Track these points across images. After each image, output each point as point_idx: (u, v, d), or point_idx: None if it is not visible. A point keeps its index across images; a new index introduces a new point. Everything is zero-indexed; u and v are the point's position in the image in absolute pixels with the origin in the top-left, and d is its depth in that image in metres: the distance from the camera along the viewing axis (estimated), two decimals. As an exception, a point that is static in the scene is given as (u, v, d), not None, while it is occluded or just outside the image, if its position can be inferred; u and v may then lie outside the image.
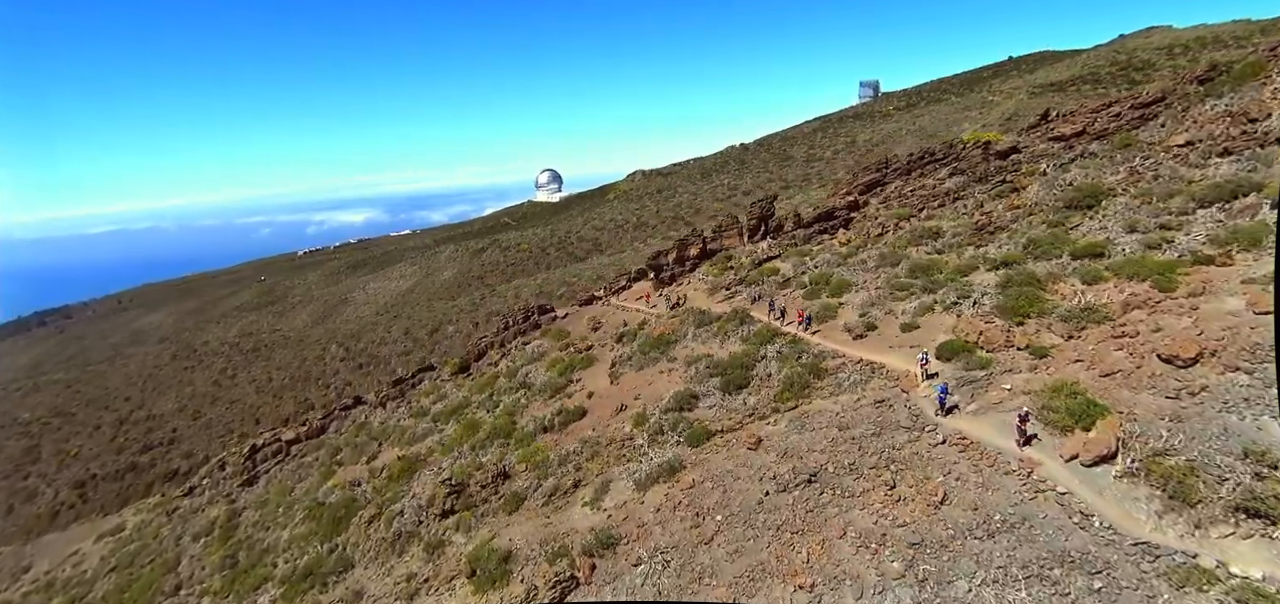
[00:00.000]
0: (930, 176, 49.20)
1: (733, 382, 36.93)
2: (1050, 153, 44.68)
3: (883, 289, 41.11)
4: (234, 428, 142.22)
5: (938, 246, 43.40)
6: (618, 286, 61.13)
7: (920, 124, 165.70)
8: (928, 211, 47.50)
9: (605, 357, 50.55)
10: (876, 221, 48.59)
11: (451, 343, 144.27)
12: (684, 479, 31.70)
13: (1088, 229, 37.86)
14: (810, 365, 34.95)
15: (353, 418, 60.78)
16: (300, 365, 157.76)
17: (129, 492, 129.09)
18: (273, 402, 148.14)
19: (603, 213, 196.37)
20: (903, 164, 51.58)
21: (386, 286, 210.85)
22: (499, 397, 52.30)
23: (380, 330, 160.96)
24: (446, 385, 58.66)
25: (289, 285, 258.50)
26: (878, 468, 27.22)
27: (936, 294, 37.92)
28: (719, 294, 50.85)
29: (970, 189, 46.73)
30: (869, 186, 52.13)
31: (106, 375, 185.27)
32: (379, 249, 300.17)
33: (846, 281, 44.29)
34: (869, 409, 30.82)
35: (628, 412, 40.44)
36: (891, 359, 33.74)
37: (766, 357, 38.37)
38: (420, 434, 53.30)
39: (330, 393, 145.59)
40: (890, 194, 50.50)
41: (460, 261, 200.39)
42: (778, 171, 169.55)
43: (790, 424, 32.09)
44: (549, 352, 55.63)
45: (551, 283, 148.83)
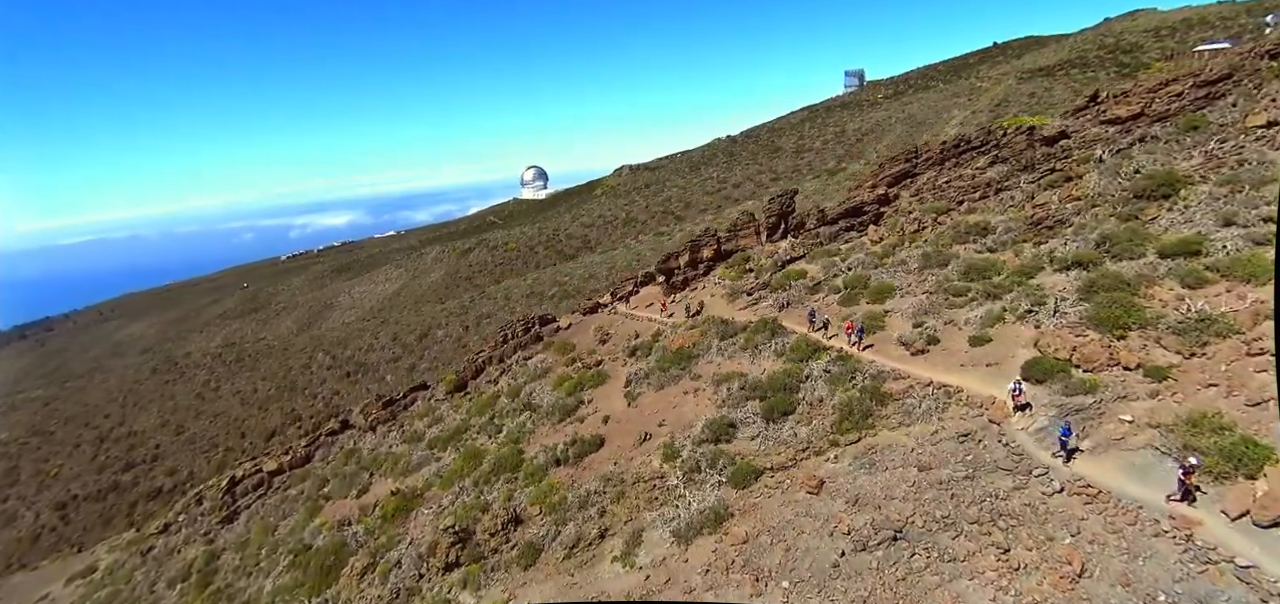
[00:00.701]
0: (967, 166, 44.26)
1: (776, 407, 31.61)
2: (1104, 138, 39.89)
3: (935, 294, 35.93)
4: (218, 442, 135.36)
5: (988, 244, 38.34)
6: (624, 292, 55.70)
7: (909, 112, 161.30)
8: (967, 204, 42.52)
9: (618, 373, 45.05)
10: (910, 217, 43.53)
11: (441, 348, 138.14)
12: (734, 530, 26.38)
13: (1169, 222, 32.89)
14: (870, 388, 29.68)
15: (340, 444, 54.91)
16: (286, 375, 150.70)
17: (112, 511, 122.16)
18: (258, 414, 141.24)
19: (591, 209, 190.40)
20: (935, 153, 46.56)
21: (372, 290, 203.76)
22: (501, 420, 46.63)
23: (367, 337, 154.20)
24: (442, 406, 52.95)
25: (272, 291, 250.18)
26: (981, 523, 22.04)
27: (1002, 300, 32.78)
28: (740, 300, 45.53)
29: (1015, 179, 41.81)
30: (898, 178, 47.11)
31: (86, 391, 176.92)
32: (363, 252, 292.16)
33: (888, 285, 39.07)
34: (951, 445, 25.62)
35: (653, 441, 34.99)
36: (966, 380, 28.53)
37: (811, 376, 33.06)
38: (415, 463, 47.55)
39: (317, 403, 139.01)
40: (922, 186, 45.50)
41: (447, 263, 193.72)
42: (767, 163, 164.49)
43: (856, 462, 26.83)
44: (554, 367, 50.05)
45: (543, 283, 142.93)
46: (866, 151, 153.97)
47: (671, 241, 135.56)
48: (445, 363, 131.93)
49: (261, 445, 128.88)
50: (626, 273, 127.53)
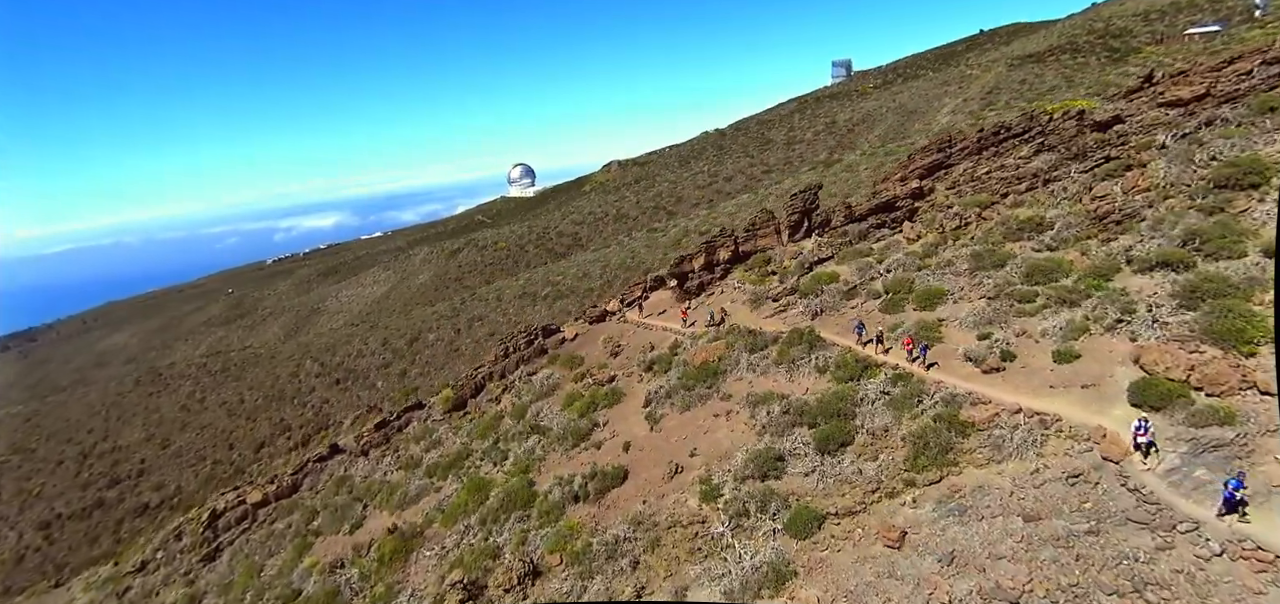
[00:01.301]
0: (1009, 155, 40.00)
1: (830, 436, 27.07)
2: (1165, 121, 35.81)
3: (996, 300, 31.52)
4: (206, 455, 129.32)
5: (1047, 241, 34.03)
6: (632, 298, 51.00)
7: (900, 101, 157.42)
8: (1013, 197, 38.27)
9: (635, 391, 40.34)
10: (950, 212, 39.23)
11: (433, 352, 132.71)
12: (802, 594, 21.83)
13: (1263, 215, 28.66)
14: (946, 416, 25.21)
15: (330, 471, 49.88)
16: (273, 384, 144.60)
17: (97, 530, 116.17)
18: (246, 425, 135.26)
19: (580, 206, 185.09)
20: (972, 141, 42.22)
21: (360, 293, 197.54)
22: (507, 445, 41.78)
23: (356, 342, 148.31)
24: (440, 428, 48.02)
25: (258, 297, 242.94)
26: (1123, 595, 17.66)
27: (1081, 307, 28.41)
28: (764, 307, 40.97)
29: (1065, 168, 37.59)
30: (930, 169, 42.73)
31: (67, 405, 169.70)
32: (350, 254, 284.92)
33: (937, 290, 34.64)
34: (1060, 489, 21.24)
35: (686, 475, 30.34)
36: (1061, 406, 24.07)
37: (867, 399, 28.58)
38: (413, 494, 42.59)
39: (307, 412, 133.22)
40: (959, 178, 41.20)
41: (436, 264, 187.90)
42: (759, 156, 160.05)
43: (941, 509, 22.36)
44: (562, 384, 45.26)
45: (535, 283, 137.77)
46: (859, 142, 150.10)
47: (666, 237, 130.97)
48: (437, 367, 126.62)
49: (250, 456, 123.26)
50: (622, 270, 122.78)
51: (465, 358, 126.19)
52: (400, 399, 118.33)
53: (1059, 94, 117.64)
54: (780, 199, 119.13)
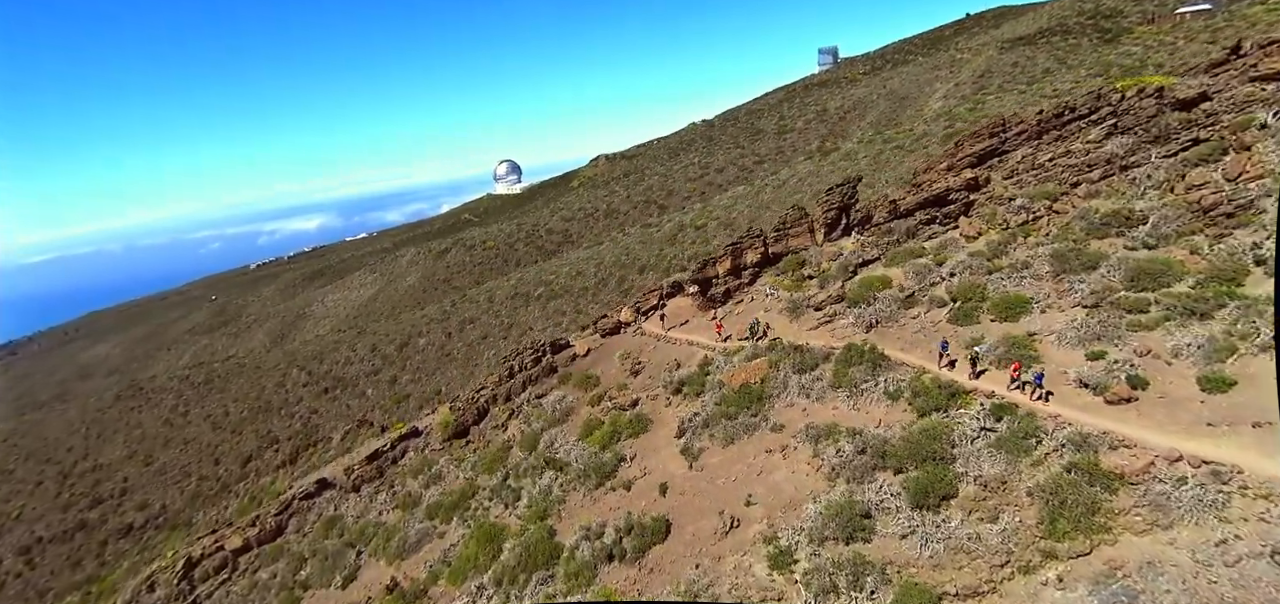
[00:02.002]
0: (1075, 139, 34.92)
1: (927, 486, 21.77)
2: (1261, 97, 30.95)
3: (1099, 310, 26.33)
4: (191, 471, 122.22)
5: (1144, 238, 28.98)
6: (648, 306, 45.41)
7: (891, 87, 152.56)
8: (1085, 186, 33.27)
9: (663, 417, 34.83)
10: (1012, 205, 34.12)
11: (423, 357, 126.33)
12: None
13: None
14: (1081, 463, 19.99)
15: (318, 510, 43.94)
16: (259, 395, 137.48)
17: (80, 553, 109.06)
18: (232, 438, 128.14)
19: (569, 202, 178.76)
20: (1031, 124, 37.05)
21: (347, 297, 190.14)
22: (518, 481, 36.11)
23: (344, 349, 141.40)
24: (440, 459, 42.23)
25: (242, 303, 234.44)
26: None
27: (1216, 319, 23.32)
28: (805, 317, 35.61)
29: (1145, 152, 32.61)
30: (982, 157, 37.53)
31: (46, 423, 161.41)
32: (335, 256, 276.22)
33: (1018, 298, 29.40)
34: (1264, 568, 16.16)
35: (745, 530, 24.86)
36: (1231, 451, 18.86)
37: (965, 437, 23.32)
38: (414, 539, 36.81)
39: (294, 423, 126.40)
40: (1017, 166, 36.09)
41: (423, 265, 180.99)
42: (749, 146, 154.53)
43: (1102, 592, 17.08)
44: (577, 408, 39.62)
45: (527, 282, 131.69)
46: (851, 130, 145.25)
47: (660, 232, 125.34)
48: (428, 373, 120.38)
49: (237, 471, 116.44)
50: (616, 268, 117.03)
51: (458, 362, 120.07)
52: (391, 405, 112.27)
53: (1055, 77, 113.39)
54: (778, 192, 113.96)
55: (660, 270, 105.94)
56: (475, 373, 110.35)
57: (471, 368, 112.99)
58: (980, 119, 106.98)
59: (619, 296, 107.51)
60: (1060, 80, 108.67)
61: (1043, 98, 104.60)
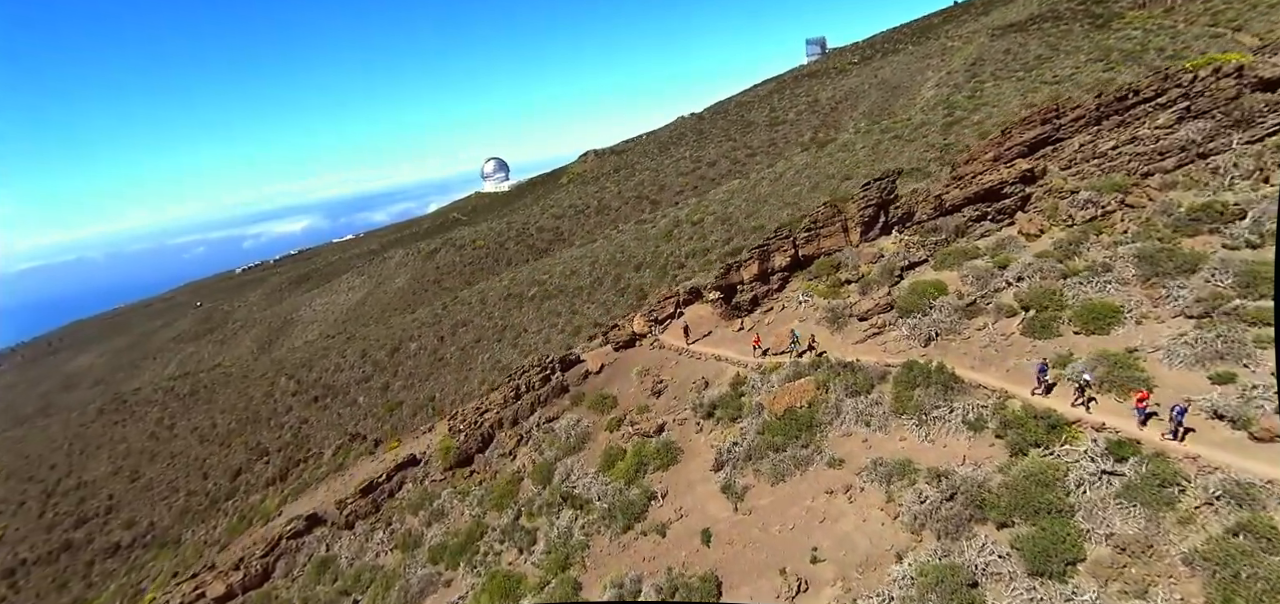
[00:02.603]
0: (1141, 124, 31.08)
1: (1046, 547, 17.65)
2: (1360, 72, 27.26)
3: (1211, 321, 22.42)
4: (179, 486, 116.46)
5: (1245, 235, 25.12)
6: (663, 315, 41.12)
7: (882, 77, 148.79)
8: (1160, 176, 29.44)
9: (696, 446, 30.60)
10: (1076, 198, 30.23)
11: (416, 363, 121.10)
12: None
13: None
14: (1254, 525, 15.99)
15: (308, 550, 39.32)
16: (247, 406, 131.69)
17: (66, 575, 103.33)
18: (220, 451, 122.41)
19: (559, 199, 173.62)
20: (1090, 109, 33.16)
21: (335, 301, 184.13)
22: (532, 520, 31.75)
23: (333, 355, 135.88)
24: (441, 491, 37.74)
25: (228, 309, 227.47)
26: None
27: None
28: (850, 328, 31.52)
29: (1225, 138, 28.87)
30: (1033, 146, 33.58)
31: (27, 440, 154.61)
32: (322, 259, 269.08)
33: (1104, 306, 25.39)
34: None
35: (816, 597, 20.71)
36: None
37: (1083, 482, 19.32)
38: (417, 588, 32.30)
39: (284, 434, 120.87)
40: (1076, 155, 32.23)
41: (412, 266, 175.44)
42: (741, 139, 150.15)
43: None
44: (594, 434, 35.30)
45: (520, 282, 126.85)
46: (843, 120, 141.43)
47: (655, 228, 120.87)
48: (422, 379, 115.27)
49: (226, 485, 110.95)
50: (612, 266, 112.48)
51: (451, 367, 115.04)
52: (384, 414, 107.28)
53: (1054, 64, 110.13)
54: (776, 185, 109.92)
55: (657, 268, 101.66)
56: (469, 377, 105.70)
57: (465, 373, 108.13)
58: (977, 106, 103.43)
59: (615, 295, 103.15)
60: (1060, 66, 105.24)
61: (1043, 83, 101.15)
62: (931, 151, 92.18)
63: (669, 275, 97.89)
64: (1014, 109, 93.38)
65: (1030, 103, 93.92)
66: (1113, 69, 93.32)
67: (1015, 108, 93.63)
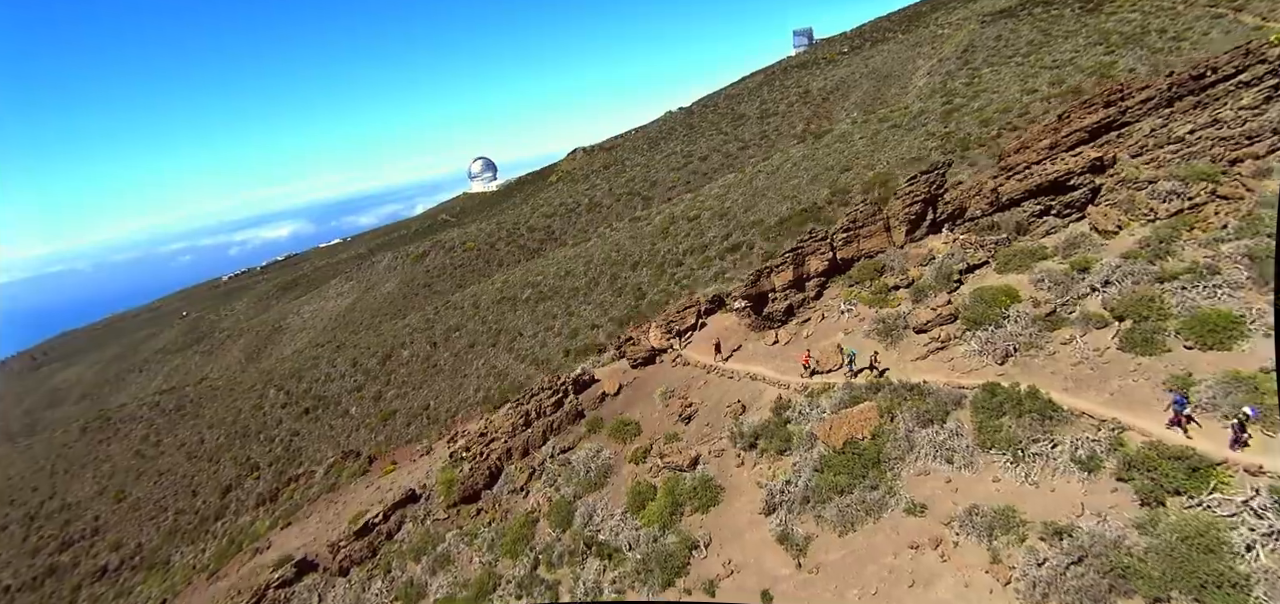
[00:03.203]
0: (1222, 105, 27.32)
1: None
2: None
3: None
4: (167, 505, 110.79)
5: (1384, 228, 21.35)
6: (683, 327, 36.88)
7: (873, 66, 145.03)
8: (1251, 163, 25.63)
9: (739, 484, 26.37)
10: (1156, 190, 26.38)
11: (409, 370, 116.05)
12: None
13: None
14: None
15: (298, 600, 34.84)
16: (236, 419, 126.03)
17: (51, 600, 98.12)
18: (208, 468, 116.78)
19: (549, 197, 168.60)
20: (1160, 88, 29.29)
21: (323, 308, 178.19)
22: (552, 570, 27.44)
23: (323, 364, 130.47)
24: (447, 534, 33.20)
25: (215, 318, 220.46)
26: None
27: None
28: (907, 341, 27.44)
29: (1327, 116, 25.14)
30: (1094, 132, 29.62)
31: (9, 461, 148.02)
32: (309, 265, 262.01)
33: (1222, 316, 21.39)
34: None
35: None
36: None
37: (1253, 545, 15.42)
38: (423, 652, 28.08)
39: (275, 447, 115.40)
40: (1147, 140, 28.38)
41: (402, 270, 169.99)
42: (732, 132, 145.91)
43: None
44: (617, 466, 31.02)
45: (513, 285, 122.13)
46: (835, 111, 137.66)
47: (650, 225, 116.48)
48: (415, 387, 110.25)
49: (216, 503, 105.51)
50: (607, 266, 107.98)
51: (445, 374, 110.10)
52: (377, 423, 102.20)
53: (1045, 49, 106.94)
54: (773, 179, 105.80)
55: (654, 266, 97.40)
56: (464, 384, 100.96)
57: (460, 380, 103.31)
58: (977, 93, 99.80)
59: (613, 295, 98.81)
60: (1058, 51, 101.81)
61: (1043, 69, 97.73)
62: (933, 141, 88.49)
63: (667, 273, 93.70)
64: (1015, 95, 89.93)
65: (1031, 88, 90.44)
66: (1113, 52, 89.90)
67: (1016, 93, 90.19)
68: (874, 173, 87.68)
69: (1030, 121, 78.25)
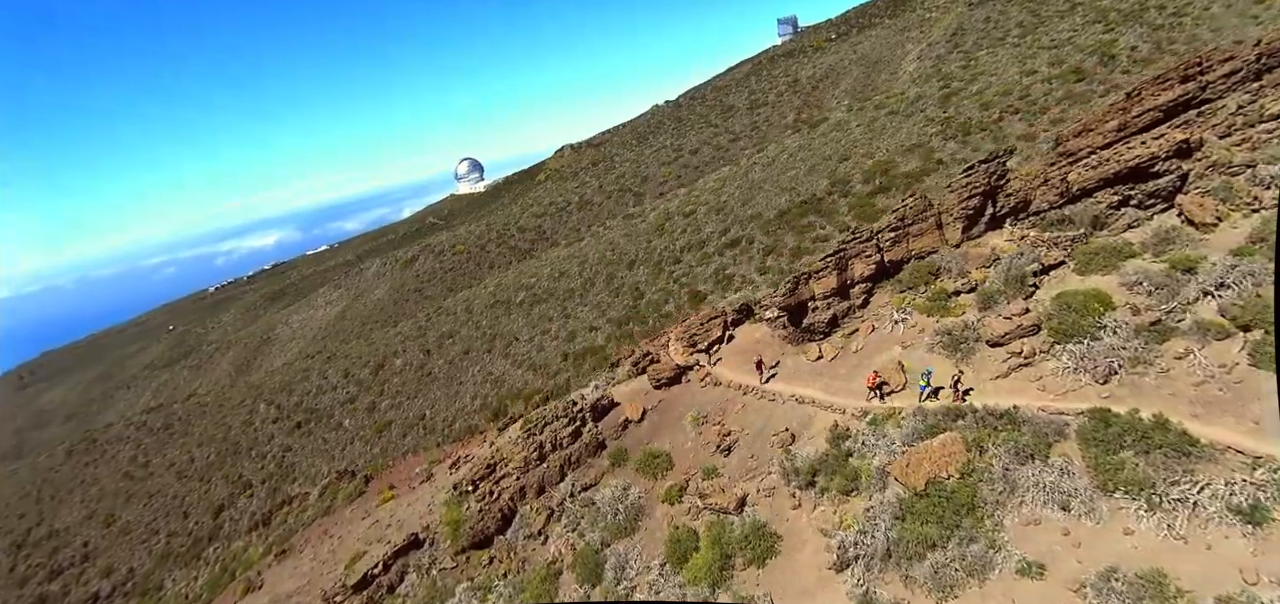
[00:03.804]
0: (1324, 75, 23.82)
1: None
2: None
3: None
4: (159, 528, 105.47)
5: None
6: (707, 341, 32.87)
7: (861, 52, 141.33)
8: (1369, 140, 22.11)
9: (799, 531, 22.41)
10: (1255, 174, 22.73)
11: (403, 380, 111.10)
12: None
13: None
14: None
15: (295, 668, 30.58)
16: (226, 436, 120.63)
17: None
18: (200, 487, 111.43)
19: (539, 197, 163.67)
20: (1245, 61, 25.57)
21: (312, 317, 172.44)
22: (585, 635, 23.53)
23: (314, 376, 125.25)
24: (457, 587, 28.90)
25: (203, 331, 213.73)
26: None
27: None
28: (981, 355, 23.56)
29: None
30: (1169, 111, 25.94)
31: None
32: (296, 273, 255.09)
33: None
34: None
35: None
36: None
37: None
38: None
39: (268, 464, 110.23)
40: (1235, 119, 24.77)
41: (391, 276, 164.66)
42: (722, 123, 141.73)
43: None
44: (649, 506, 26.96)
45: (506, 288, 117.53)
46: (826, 99, 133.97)
47: (645, 222, 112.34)
48: (409, 397, 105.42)
49: (210, 524, 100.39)
50: (603, 266, 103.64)
51: (440, 382, 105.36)
52: (372, 436, 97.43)
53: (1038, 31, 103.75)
54: (769, 170, 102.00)
55: (651, 265, 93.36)
56: (460, 393, 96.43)
57: (456, 388, 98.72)
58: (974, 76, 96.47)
59: (609, 295, 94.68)
60: (1054, 30, 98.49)
61: (1041, 49, 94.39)
62: (933, 127, 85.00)
63: (665, 272, 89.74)
64: (1014, 77, 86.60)
65: (1030, 69, 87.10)
66: (1113, 30, 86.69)
67: (1015, 75, 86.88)
68: (874, 161, 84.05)
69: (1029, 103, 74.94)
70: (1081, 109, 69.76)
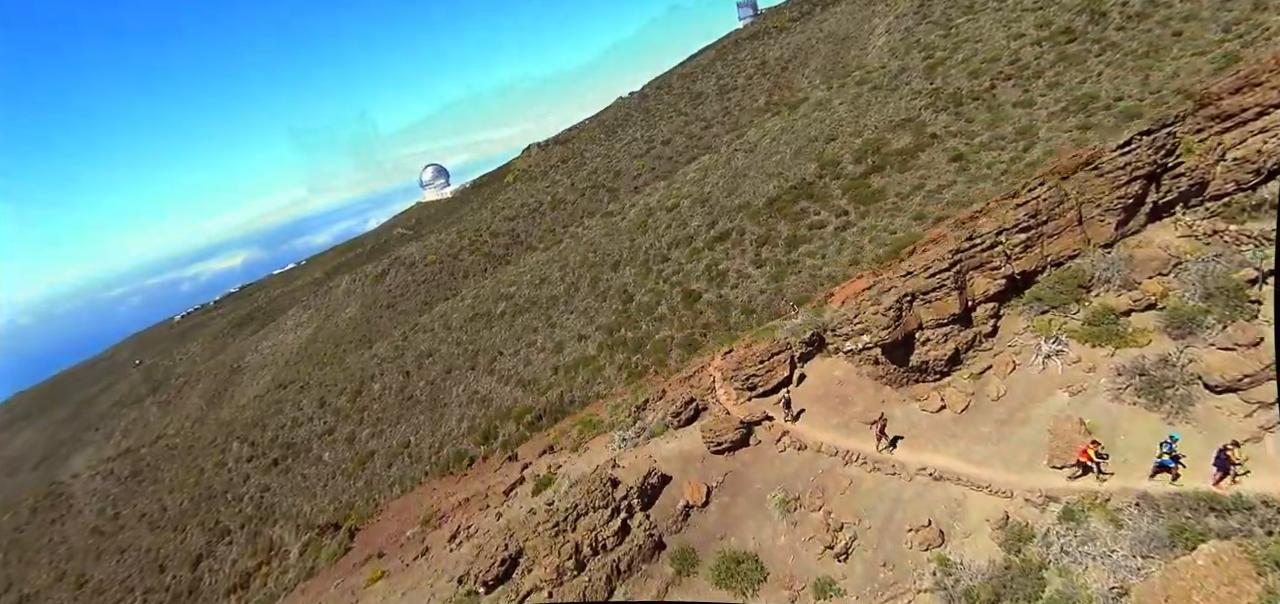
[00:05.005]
0: None
1: None
2: None
3: None
4: (133, 585, 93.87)
5: None
6: (771, 382, 24.98)
7: (828, 29, 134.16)
8: None
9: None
10: None
11: (383, 405, 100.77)
12: None
13: None
14: None
15: None
16: (199, 480, 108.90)
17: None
18: (175, 538, 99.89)
19: (509, 199, 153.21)
20: None
21: (283, 341, 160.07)
22: None
23: (288, 408, 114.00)
24: None
25: (170, 363, 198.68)
26: None
27: None
28: (1197, 407, 16.13)
29: None
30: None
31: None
32: (264, 296, 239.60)
33: None
34: None
35: None
36: None
37: None
38: None
39: (246, 506, 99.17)
40: None
41: (362, 293, 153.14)
42: (693, 112, 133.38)
43: None
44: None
45: (484, 300, 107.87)
46: (797, 80, 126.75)
47: (626, 220, 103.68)
48: (391, 423, 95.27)
49: (188, 577, 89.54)
50: (586, 269, 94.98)
51: (423, 406, 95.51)
52: (354, 469, 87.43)
53: None
54: (752, 157, 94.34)
55: (638, 265, 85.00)
56: (445, 416, 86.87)
57: (440, 412, 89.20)
58: (958, 45, 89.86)
59: (596, 300, 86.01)
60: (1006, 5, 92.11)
61: (1025, 11, 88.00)
62: (921, 99, 78.07)
63: (653, 271, 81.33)
64: (1001, 42, 79.98)
65: (1017, 33, 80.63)
66: (1099, -15, 79.84)
67: (1002, 41, 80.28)
68: (863, 139, 76.83)
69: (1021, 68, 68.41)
70: (1077, 69, 63.38)
